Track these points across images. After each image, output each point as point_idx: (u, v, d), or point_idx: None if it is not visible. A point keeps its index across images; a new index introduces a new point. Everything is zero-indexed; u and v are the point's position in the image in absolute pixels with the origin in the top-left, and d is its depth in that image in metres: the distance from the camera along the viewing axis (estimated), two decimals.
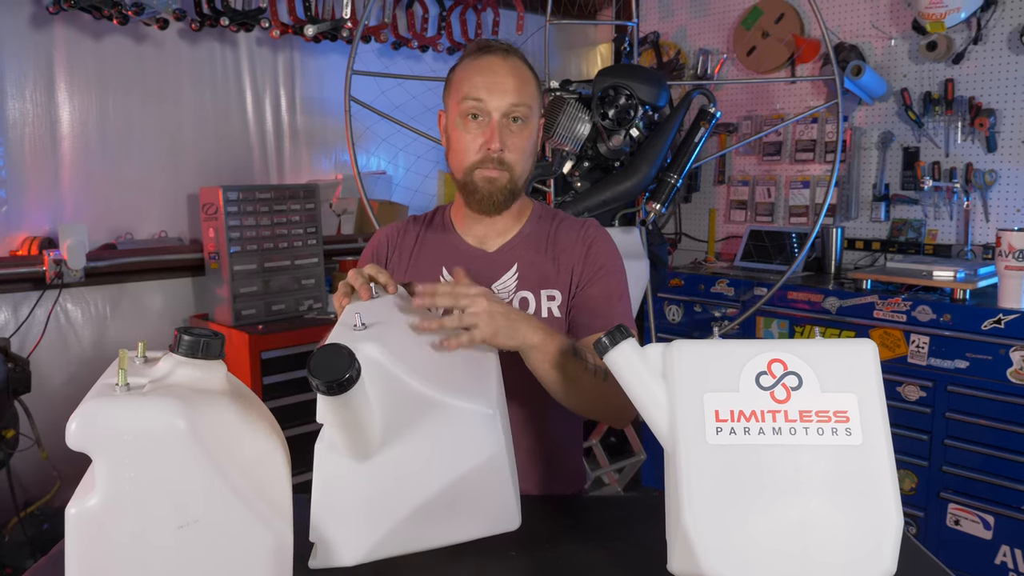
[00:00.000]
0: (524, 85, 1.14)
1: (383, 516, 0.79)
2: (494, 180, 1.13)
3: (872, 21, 2.80)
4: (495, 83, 1.11)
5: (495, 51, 1.14)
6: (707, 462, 0.72)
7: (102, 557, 0.65)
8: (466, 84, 1.13)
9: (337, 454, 0.77)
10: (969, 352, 2.15)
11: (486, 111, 1.11)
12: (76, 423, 0.63)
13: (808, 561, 0.71)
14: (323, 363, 0.69)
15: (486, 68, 1.13)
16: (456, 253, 1.20)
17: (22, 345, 2.14)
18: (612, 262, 1.22)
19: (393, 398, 0.76)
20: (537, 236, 1.21)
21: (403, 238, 1.24)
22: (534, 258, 1.19)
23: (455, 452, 0.80)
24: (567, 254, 1.20)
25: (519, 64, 1.15)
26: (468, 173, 1.14)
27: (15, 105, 2.21)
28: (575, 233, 1.22)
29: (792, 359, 0.74)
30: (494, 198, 1.14)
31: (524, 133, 1.14)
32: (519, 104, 1.12)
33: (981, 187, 2.58)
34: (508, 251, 1.20)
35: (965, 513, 2.19)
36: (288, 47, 2.74)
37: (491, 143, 1.11)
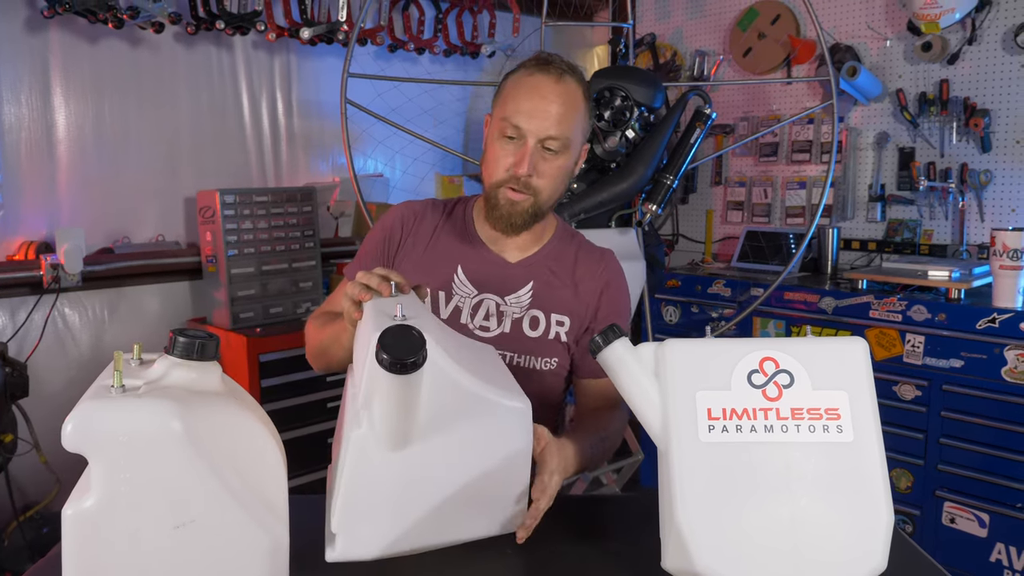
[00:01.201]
0: (568, 113, 1.11)
1: (408, 509, 0.79)
2: (516, 203, 1.12)
3: (867, 22, 2.82)
4: (538, 109, 1.09)
5: (550, 71, 1.11)
6: (700, 460, 0.73)
7: (98, 558, 0.65)
8: (511, 104, 1.10)
9: (372, 442, 0.76)
10: (964, 351, 2.16)
11: (523, 135, 1.10)
12: (72, 425, 0.64)
13: (800, 557, 0.71)
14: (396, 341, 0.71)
15: (534, 91, 1.10)
16: (475, 255, 1.19)
17: (20, 349, 2.14)
18: (625, 306, 1.24)
19: (439, 389, 0.76)
20: (557, 258, 1.21)
21: (420, 224, 1.21)
22: (551, 280, 1.19)
23: (486, 445, 0.81)
24: (585, 285, 1.20)
25: (571, 89, 1.12)
26: (494, 189, 1.13)
27: (11, 110, 2.21)
28: (595, 266, 1.22)
29: (784, 357, 0.75)
30: (513, 220, 1.13)
31: (557, 161, 1.12)
32: (557, 137, 1.10)
33: (976, 187, 2.59)
34: (527, 266, 1.19)
35: (960, 511, 2.19)
36: (284, 50, 2.74)
37: (520, 167, 1.09)
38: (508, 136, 1.11)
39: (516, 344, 1.16)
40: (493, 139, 1.13)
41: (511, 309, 1.17)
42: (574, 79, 1.13)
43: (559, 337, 1.18)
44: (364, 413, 0.76)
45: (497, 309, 1.17)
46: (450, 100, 3.13)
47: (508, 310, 1.17)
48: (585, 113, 1.15)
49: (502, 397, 0.81)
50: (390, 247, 1.21)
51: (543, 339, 1.17)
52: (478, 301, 1.17)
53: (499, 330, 1.16)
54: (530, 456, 0.85)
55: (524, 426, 0.83)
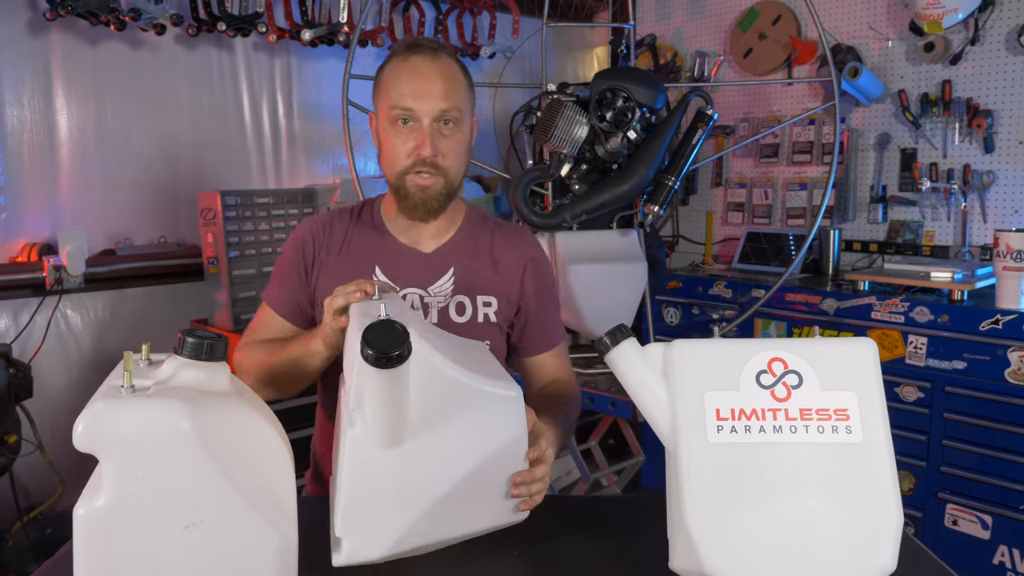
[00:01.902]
0: (454, 87, 1.11)
1: (410, 507, 0.79)
2: (427, 188, 1.11)
3: (869, 22, 2.82)
4: (424, 88, 1.09)
5: (423, 51, 1.11)
6: (708, 460, 0.73)
7: (110, 557, 0.65)
8: (394, 90, 1.10)
9: (367, 442, 0.77)
10: (967, 353, 2.16)
11: (416, 117, 1.09)
12: (83, 425, 0.64)
13: (809, 558, 0.71)
14: (379, 336, 0.72)
15: (414, 72, 1.10)
16: (390, 252, 1.18)
17: (23, 351, 2.14)
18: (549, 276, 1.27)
19: (428, 382, 0.77)
20: (474, 241, 1.21)
21: (330, 235, 1.20)
22: (471, 263, 1.19)
23: (481, 436, 0.81)
24: (505, 263, 1.21)
25: (448, 64, 1.12)
26: (400, 178, 1.12)
27: (13, 112, 2.21)
28: (513, 242, 1.24)
29: (792, 358, 0.75)
30: (428, 205, 1.13)
31: (457, 135, 1.12)
32: (450, 108, 1.10)
33: (979, 188, 2.59)
34: (444, 254, 1.19)
35: (963, 513, 2.19)
36: (285, 52, 2.75)
37: (422, 149, 1.09)
38: (400, 123, 1.10)
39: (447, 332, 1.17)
40: (385, 131, 1.12)
41: (435, 299, 1.17)
42: (448, 55, 1.14)
43: (488, 319, 1.18)
44: (357, 413, 0.76)
45: (422, 301, 1.16)
46: None
47: (432, 300, 1.17)
48: (468, 86, 1.16)
49: (493, 386, 0.82)
50: (305, 264, 1.18)
51: (472, 323, 1.17)
52: (401, 296, 1.17)
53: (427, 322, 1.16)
54: (526, 443, 0.85)
55: (517, 414, 0.83)
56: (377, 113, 1.16)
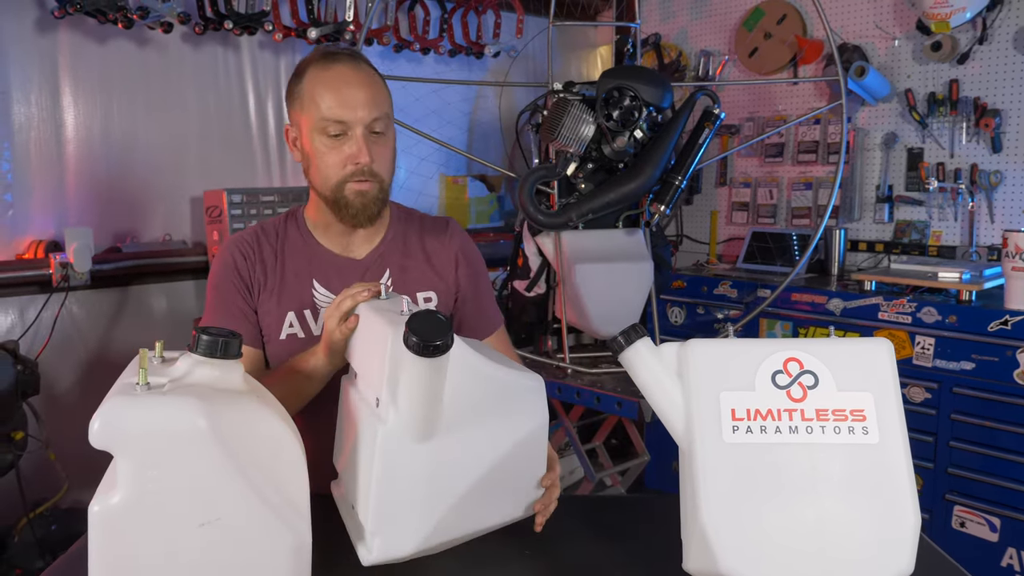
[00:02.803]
0: (379, 93, 1.12)
1: (439, 501, 0.79)
2: (366, 193, 1.11)
3: (876, 21, 2.81)
4: (353, 96, 1.08)
5: (343, 60, 1.10)
6: (724, 461, 0.72)
7: (125, 553, 0.65)
8: (322, 103, 1.08)
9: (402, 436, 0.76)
10: (975, 353, 2.15)
11: (349, 127, 1.08)
12: (99, 422, 0.63)
13: (825, 559, 0.71)
14: (424, 324, 0.72)
15: (339, 81, 1.09)
16: (324, 264, 1.17)
17: (29, 348, 2.14)
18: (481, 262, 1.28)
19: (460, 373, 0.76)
20: (404, 240, 1.22)
21: (260, 253, 1.17)
22: (405, 262, 1.20)
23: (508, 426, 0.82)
24: (437, 256, 1.23)
25: (368, 70, 1.12)
26: (338, 188, 1.10)
27: (21, 109, 2.21)
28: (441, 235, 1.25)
29: (808, 358, 0.74)
30: (368, 211, 1.12)
31: (387, 141, 1.13)
32: (380, 116, 1.10)
33: (986, 188, 2.58)
34: (378, 257, 1.19)
35: (971, 515, 2.18)
36: (290, 50, 2.75)
37: (360, 157, 1.08)
38: (332, 135, 1.09)
39: None
40: (315, 144, 1.10)
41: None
42: (364, 60, 1.14)
43: None
44: (389, 408, 0.76)
45: None
46: (456, 100, 3.13)
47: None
48: (386, 89, 1.16)
49: (518, 377, 0.83)
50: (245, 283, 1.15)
51: None
52: None
53: None
54: (547, 431, 0.86)
55: (540, 402, 0.84)
56: (298, 124, 1.13)
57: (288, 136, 1.17)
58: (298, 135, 1.14)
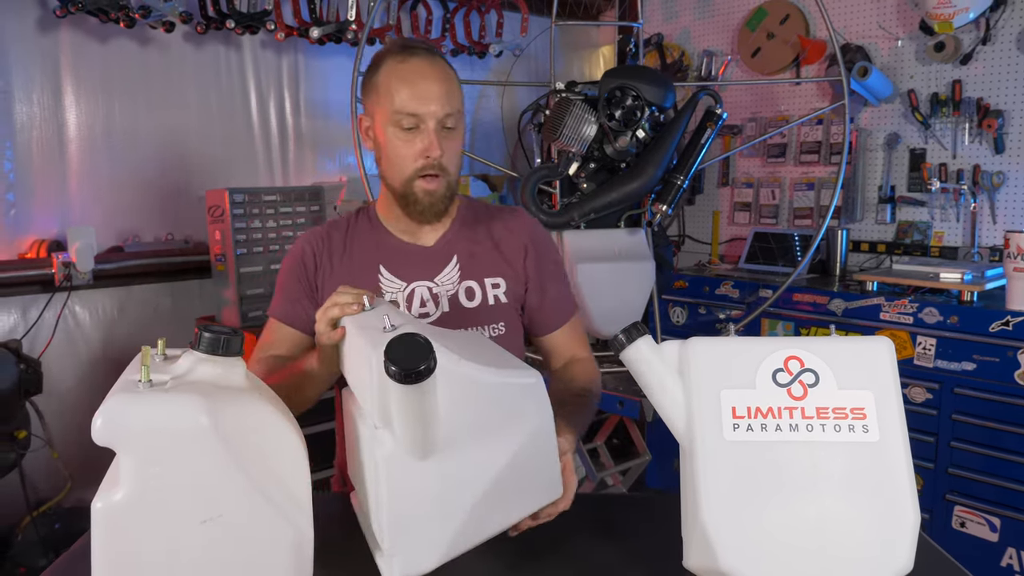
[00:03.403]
0: (452, 88, 1.13)
1: (454, 512, 0.78)
2: (433, 191, 1.13)
3: (879, 22, 2.81)
4: (428, 91, 1.10)
5: (419, 53, 1.12)
6: (724, 459, 0.73)
7: (128, 550, 0.65)
8: (396, 96, 1.10)
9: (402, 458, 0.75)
10: (976, 354, 2.15)
11: (422, 121, 1.10)
12: (102, 419, 0.64)
13: (825, 557, 0.71)
14: (403, 351, 0.70)
15: (415, 74, 1.10)
16: (392, 250, 1.20)
17: (32, 347, 2.15)
18: (552, 250, 1.28)
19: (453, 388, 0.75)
20: (472, 227, 1.23)
21: (328, 244, 1.20)
22: (473, 248, 1.21)
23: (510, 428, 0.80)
24: (506, 242, 1.23)
25: (443, 65, 1.14)
26: (408, 184, 1.13)
27: (23, 109, 2.21)
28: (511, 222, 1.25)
29: (809, 356, 0.74)
30: (436, 207, 1.15)
31: (457, 137, 1.15)
32: (452, 113, 1.12)
33: (988, 189, 2.57)
34: (445, 244, 1.21)
35: (971, 515, 2.18)
36: (292, 49, 2.75)
37: (431, 151, 1.10)
38: (405, 128, 1.10)
39: (459, 319, 1.17)
40: (388, 136, 1.12)
41: (444, 288, 1.18)
42: (439, 56, 1.15)
43: (499, 300, 1.19)
44: (384, 432, 0.75)
45: (431, 293, 1.18)
46: None
47: (441, 290, 1.18)
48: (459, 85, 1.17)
49: (513, 377, 0.81)
50: (308, 273, 1.19)
51: (483, 307, 1.19)
52: (410, 291, 1.18)
53: (439, 312, 1.18)
54: (553, 423, 0.84)
55: (541, 399, 0.83)
56: (372, 115, 1.15)
57: (361, 125, 1.19)
58: (371, 125, 1.16)
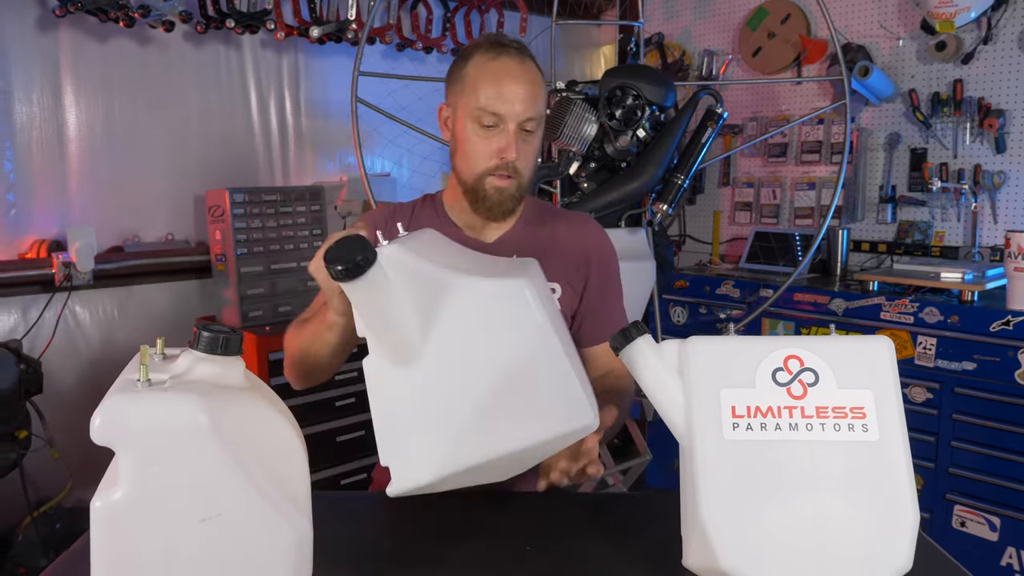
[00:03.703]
0: (538, 92, 1.13)
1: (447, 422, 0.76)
2: (504, 189, 1.13)
3: (880, 21, 2.81)
4: (513, 93, 1.10)
5: (511, 52, 1.12)
6: (724, 458, 0.73)
7: (127, 549, 0.65)
8: (482, 93, 1.10)
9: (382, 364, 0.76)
10: (977, 354, 2.15)
11: (503, 121, 1.10)
12: (100, 418, 0.64)
13: (824, 556, 0.71)
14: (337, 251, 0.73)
15: (503, 73, 1.10)
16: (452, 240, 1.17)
17: (32, 347, 2.15)
18: (615, 266, 1.25)
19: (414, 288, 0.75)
20: (536, 229, 1.22)
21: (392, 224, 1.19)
22: (533, 251, 1.18)
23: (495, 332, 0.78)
24: (569, 249, 1.21)
25: (532, 67, 1.14)
26: (479, 179, 1.13)
27: (22, 109, 2.21)
28: (576, 229, 1.24)
29: (808, 355, 0.74)
30: (504, 206, 1.14)
31: (535, 141, 1.15)
32: (533, 118, 1.12)
33: (989, 188, 2.57)
34: (506, 242, 1.20)
35: (971, 515, 2.18)
36: (292, 49, 2.75)
37: (507, 152, 1.10)
38: (485, 125, 1.10)
39: None
40: (467, 130, 1.12)
41: None
42: (530, 57, 1.15)
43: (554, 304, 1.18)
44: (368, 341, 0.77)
45: None
46: None
47: None
48: (545, 89, 1.17)
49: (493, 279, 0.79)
50: None
51: None
52: None
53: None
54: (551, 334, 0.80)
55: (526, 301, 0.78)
56: (454, 106, 1.15)
57: (440, 115, 1.18)
58: (451, 116, 1.16)
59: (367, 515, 1.00)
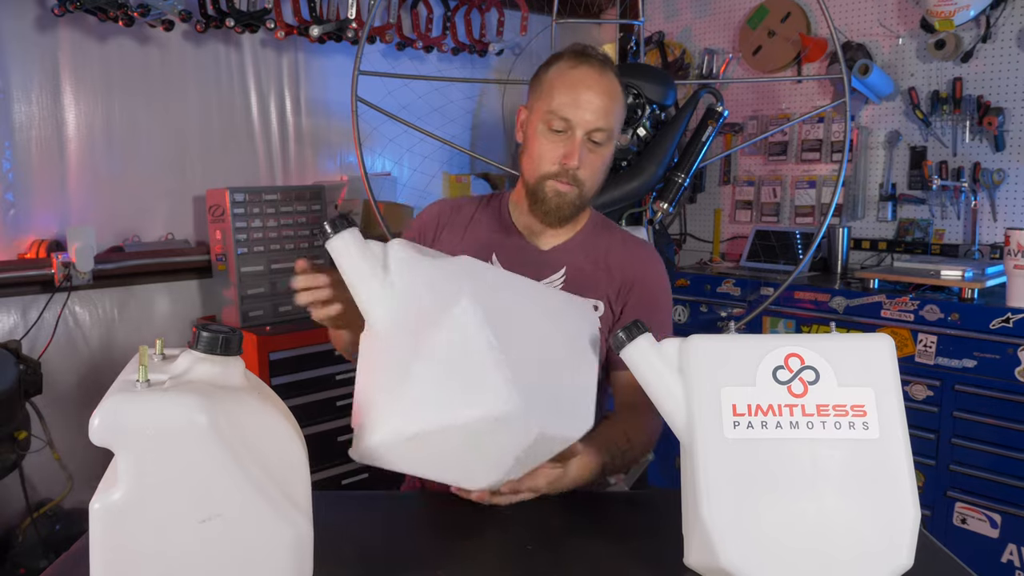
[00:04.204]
0: (612, 105, 1.13)
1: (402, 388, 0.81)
2: (563, 195, 1.13)
3: (879, 19, 2.80)
4: (586, 101, 1.10)
5: (592, 63, 1.13)
6: (724, 456, 0.73)
7: (126, 550, 0.65)
8: (556, 98, 1.11)
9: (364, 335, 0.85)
10: (977, 351, 2.15)
11: (571, 128, 1.11)
12: (99, 419, 0.64)
13: (825, 554, 0.71)
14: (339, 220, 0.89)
15: (580, 83, 1.11)
16: (508, 243, 1.20)
17: (32, 348, 2.15)
18: (662, 298, 1.22)
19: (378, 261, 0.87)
20: (592, 244, 1.22)
21: (457, 214, 1.24)
22: (584, 265, 1.19)
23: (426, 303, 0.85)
24: (615, 271, 1.20)
25: (612, 81, 1.14)
26: (540, 182, 1.14)
27: (21, 108, 2.21)
28: (629, 252, 1.22)
29: (809, 353, 0.74)
30: (561, 212, 1.15)
31: (601, 153, 1.14)
32: (604, 129, 1.12)
33: (989, 186, 2.57)
34: (560, 252, 1.20)
35: (972, 512, 2.18)
36: (292, 48, 2.75)
37: (570, 159, 1.10)
38: (554, 129, 1.11)
39: None
40: (537, 132, 1.14)
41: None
42: (612, 71, 1.15)
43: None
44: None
45: None
46: (459, 98, 3.13)
47: None
48: (622, 107, 1.17)
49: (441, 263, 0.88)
50: (424, 241, 1.22)
51: None
52: None
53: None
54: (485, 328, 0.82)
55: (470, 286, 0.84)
56: (531, 110, 1.17)
57: (519, 116, 1.21)
58: (527, 119, 1.18)
59: (367, 515, 1.00)
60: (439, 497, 1.02)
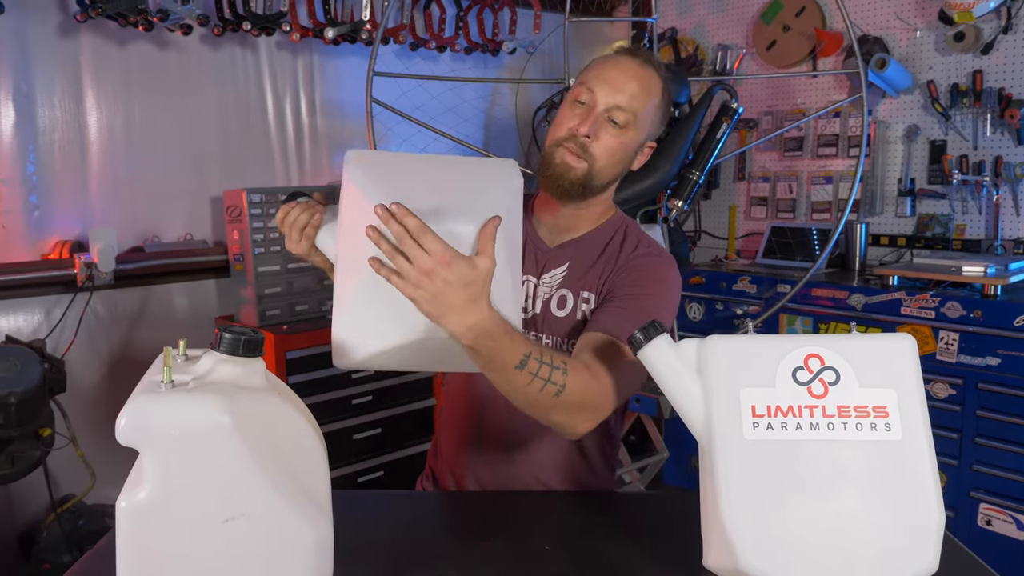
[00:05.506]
0: (642, 94, 1.10)
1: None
2: (570, 167, 1.09)
3: (896, 12, 2.77)
4: (614, 79, 1.10)
5: (636, 55, 1.13)
6: (744, 457, 0.72)
7: (151, 549, 0.66)
8: (589, 73, 1.13)
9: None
10: (1001, 349, 2.11)
11: (593, 101, 1.10)
12: (125, 419, 0.65)
13: (847, 557, 0.70)
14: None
15: (616, 65, 1.12)
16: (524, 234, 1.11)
17: (55, 346, 2.18)
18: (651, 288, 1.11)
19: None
20: (603, 245, 1.17)
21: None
22: (588, 260, 1.15)
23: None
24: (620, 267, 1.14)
25: (651, 75, 1.12)
26: (552, 146, 1.12)
27: (44, 112, 2.25)
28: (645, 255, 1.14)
29: (829, 354, 0.74)
30: (563, 182, 1.10)
31: (619, 135, 1.10)
32: (624, 109, 1.09)
33: (1011, 180, 2.53)
34: (566, 248, 1.17)
35: (997, 513, 2.15)
36: (307, 50, 2.76)
37: (581, 126, 1.08)
38: (579, 101, 1.11)
39: (546, 325, 1.14)
40: (564, 104, 1.14)
41: (543, 289, 1.16)
42: (657, 71, 1.13)
43: (584, 316, 1.12)
44: None
45: (534, 290, 1.16)
46: (472, 98, 3.14)
47: (541, 290, 1.16)
48: (660, 106, 1.14)
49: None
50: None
51: (570, 319, 1.13)
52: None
53: (532, 311, 1.15)
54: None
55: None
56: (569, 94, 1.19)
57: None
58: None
59: (385, 514, 1.01)
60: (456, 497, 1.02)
